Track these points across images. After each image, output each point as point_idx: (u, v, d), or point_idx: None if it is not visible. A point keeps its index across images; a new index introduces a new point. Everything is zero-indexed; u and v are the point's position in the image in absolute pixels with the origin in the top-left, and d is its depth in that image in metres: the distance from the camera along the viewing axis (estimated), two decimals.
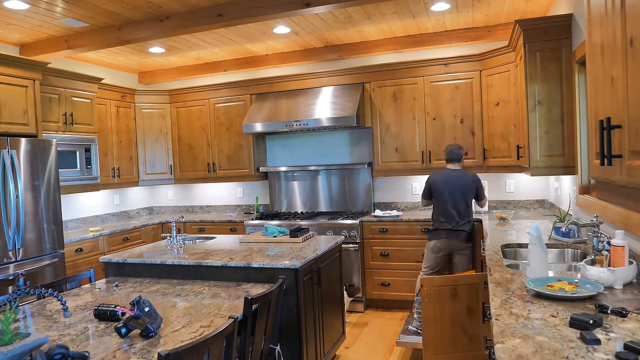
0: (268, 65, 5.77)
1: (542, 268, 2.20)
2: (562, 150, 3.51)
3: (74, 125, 4.75)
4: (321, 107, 5.03)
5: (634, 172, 1.23)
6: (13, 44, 4.71)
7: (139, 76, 6.43)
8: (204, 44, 5.10)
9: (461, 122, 4.79)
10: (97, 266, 4.51)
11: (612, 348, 1.38)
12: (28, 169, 3.88)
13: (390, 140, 5.04)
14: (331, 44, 5.39)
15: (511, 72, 4.32)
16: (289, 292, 2.85)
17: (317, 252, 3.17)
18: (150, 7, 3.93)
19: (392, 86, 5.01)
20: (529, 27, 3.53)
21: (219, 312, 2.29)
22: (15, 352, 1.65)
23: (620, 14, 1.30)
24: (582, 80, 3.34)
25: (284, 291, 2.82)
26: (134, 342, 1.91)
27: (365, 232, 4.86)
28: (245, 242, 3.68)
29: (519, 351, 1.39)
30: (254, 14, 3.86)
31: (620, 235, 2.04)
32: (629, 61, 1.26)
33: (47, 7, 3.77)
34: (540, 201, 4.95)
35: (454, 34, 4.99)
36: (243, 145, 5.63)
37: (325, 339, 3.31)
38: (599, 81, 1.57)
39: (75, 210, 5.33)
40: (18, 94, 3.96)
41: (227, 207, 6.19)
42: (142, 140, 5.85)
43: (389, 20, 4.55)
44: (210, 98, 5.77)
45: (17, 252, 3.76)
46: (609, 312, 1.67)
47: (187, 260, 3.09)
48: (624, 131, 1.31)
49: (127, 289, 2.87)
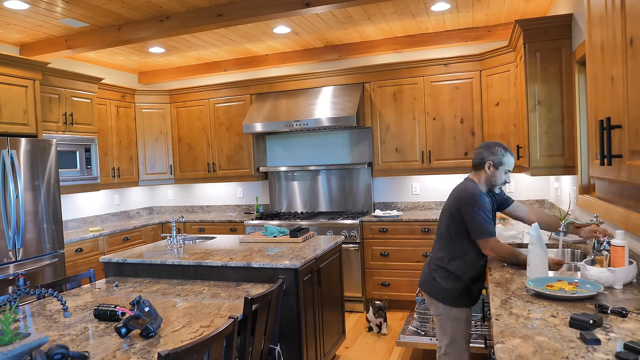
0: (268, 65, 5.76)
1: (542, 268, 2.20)
2: (562, 150, 3.51)
3: (74, 125, 4.75)
4: (321, 107, 5.03)
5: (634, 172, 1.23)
6: (13, 44, 4.71)
7: (139, 76, 6.43)
8: (204, 44, 5.10)
9: (461, 122, 4.79)
10: (97, 266, 4.51)
11: (612, 348, 1.38)
12: (28, 169, 3.88)
13: (390, 140, 5.04)
14: (331, 44, 5.39)
15: (511, 72, 4.32)
16: (289, 292, 2.84)
17: (317, 252, 3.17)
18: (150, 7, 3.93)
19: (392, 86, 5.01)
20: (529, 27, 3.53)
21: (219, 312, 2.29)
22: (15, 352, 1.64)
23: (620, 14, 1.30)
24: (582, 80, 3.34)
25: (284, 291, 2.82)
26: (134, 342, 1.91)
27: (365, 232, 4.86)
28: (245, 242, 3.68)
29: (519, 351, 1.39)
30: (254, 14, 3.85)
31: (620, 235, 2.04)
32: (629, 61, 1.26)
33: (47, 7, 3.77)
34: (540, 201, 4.95)
35: (454, 34, 4.99)
36: (243, 145, 5.63)
37: (325, 339, 3.31)
38: (599, 81, 1.57)
39: (75, 210, 5.33)
40: (18, 94, 3.96)
41: (227, 207, 6.19)
42: (142, 140, 5.85)
43: (389, 20, 4.54)
44: (210, 98, 5.77)
45: (17, 252, 3.76)
46: (609, 312, 1.67)
47: (187, 260, 3.08)
48: (624, 131, 1.31)
49: (127, 289, 2.87)
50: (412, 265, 4.70)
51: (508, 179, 2.57)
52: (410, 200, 5.39)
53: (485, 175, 2.55)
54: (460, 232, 2.51)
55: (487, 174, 2.54)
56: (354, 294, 4.83)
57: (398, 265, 4.75)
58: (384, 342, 4.02)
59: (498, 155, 2.51)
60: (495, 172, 2.52)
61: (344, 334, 3.77)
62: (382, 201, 5.48)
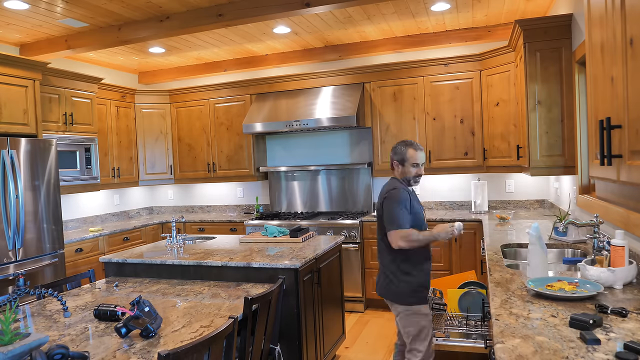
0: (268, 65, 5.76)
1: (542, 268, 2.20)
2: (562, 150, 3.51)
3: (74, 125, 4.75)
4: (321, 107, 5.03)
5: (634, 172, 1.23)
6: (13, 44, 4.71)
7: (139, 76, 6.43)
8: (204, 44, 5.10)
9: (461, 122, 4.79)
10: (97, 266, 4.51)
11: (612, 348, 1.38)
12: (28, 169, 3.88)
13: (390, 140, 5.04)
14: (331, 44, 5.39)
15: (511, 72, 4.32)
16: (289, 292, 2.85)
17: (317, 252, 3.17)
18: (150, 7, 3.93)
19: (392, 86, 5.01)
20: (529, 27, 3.53)
21: (219, 312, 2.29)
22: (15, 352, 1.65)
23: (620, 14, 1.30)
24: (582, 80, 3.34)
25: (284, 291, 2.82)
26: (134, 342, 1.91)
27: (365, 232, 4.86)
28: (245, 242, 3.68)
29: (519, 351, 1.39)
30: (254, 14, 3.86)
31: (620, 235, 2.04)
32: (629, 61, 1.26)
33: (47, 7, 3.77)
34: (540, 201, 4.95)
35: (454, 34, 4.99)
36: (243, 145, 5.63)
37: (325, 339, 3.31)
38: (599, 81, 1.57)
39: (75, 210, 5.33)
40: (18, 94, 3.96)
41: (227, 207, 6.19)
42: (142, 140, 5.85)
43: (389, 20, 4.54)
44: (210, 98, 5.77)
45: (17, 252, 3.76)
46: (609, 312, 1.67)
47: (187, 260, 3.08)
48: (624, 131, 1.31)
49: (127, 289, 2.87)
50: None
51: (420, 172, 2.76)
52: None
53: (398, 172, 2.80)
54: None
55: (398, 171, 2.79)
56: (354, 294, 4.83)
57: None
58: (384, 342, 4.02)
59: (399, 153, 2.76)
60: (403, 169, 2.76)
61: (344, 334, 3.77)
62: None
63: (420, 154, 2.75)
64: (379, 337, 4.14)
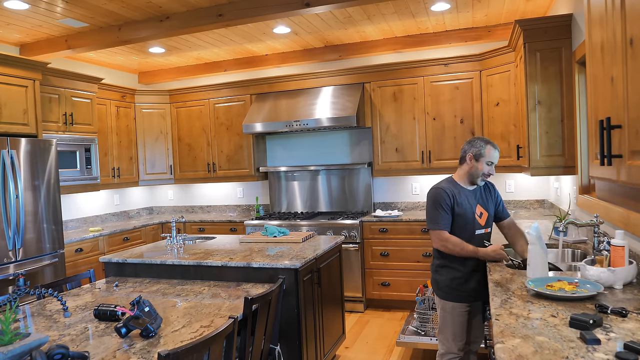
0: (268, 65, 5.77)
1: (542, 268, 2.20)
2: (562, 150, 3.51)
3: (74, 125, 4.75)
4: (321, 107, 5.03)
5: (634, 172, 1.23)
6: (13, 44, 4.71)
7: (139, 76, 6.43)
8: (204, 44, 5.10)
9: (461, 122, 4.79)
10: (97, 266, 4.51)
11: (612, 348, 1.38)
12: (28, 169, 3.88)
13: (390, 140, 5.04)
14: (331, 44, 5.39)
15: (511, 72, 4.32)
16: (289, 292, 2.85)
17: (317, 252, 3.17)
18: (150, 7, 3.93)
19: (392, 86, 5.01)
20: (529, 27, 3.53)
21: (219, 312, 2.29)
22: (15, 352, 1.65)
23: (620, 14, 1.30)
24: (582, 80, 3.34)
25: (284, 291, 2.82)
26: (134, 342, 1.91)
27: (365, 232, 4.86)
28: (245, 242, 3.68)
29: (519, 351, 1.39)
30: (254, 14, 3.86)
31: (620, 235, 2.04)
32: (629, 61, 1.26)
33: (47, 7, 3.77)
34: (540, 201, 4.95)
35: (454, 34, 4.99)
36: (243, 145, 5.63)
37: (325, 339, 3.31)
38: (599, 81, 1.57)
39: (75, 210, 5.33)
40: (18, 94, 3.96)
41: (227, 207, 6.19)
42: (142, 140, 5.85)
43: (389, 20, 4.55)
44: (210, 98, 5.77)
45: (17, 252, 3.76)
46: (609, 312, 1.67)
47: (187, 260, 3.08)
48: (623, 131, 1.31)
49: (127, 289, 2.87)
50: (412, 265, 4.70)
51: (491, 171, 2.66)
52: (410, 200, 5.39)
53: (467, 167, 2.68)
54: None
55: (469, 165, 2.67)
56: (354, 294, 4.83)
57: (398, 265, 4.75)
58: (384, 342, 4.02)
59: (477, 147, 2.64)
60: (475, 164, 2.64)
61: (344, 334, 3.77)
62: (382, 201, 5.48)
63: (497, 153, 2.66)
64: (379, 337, 4.14)
